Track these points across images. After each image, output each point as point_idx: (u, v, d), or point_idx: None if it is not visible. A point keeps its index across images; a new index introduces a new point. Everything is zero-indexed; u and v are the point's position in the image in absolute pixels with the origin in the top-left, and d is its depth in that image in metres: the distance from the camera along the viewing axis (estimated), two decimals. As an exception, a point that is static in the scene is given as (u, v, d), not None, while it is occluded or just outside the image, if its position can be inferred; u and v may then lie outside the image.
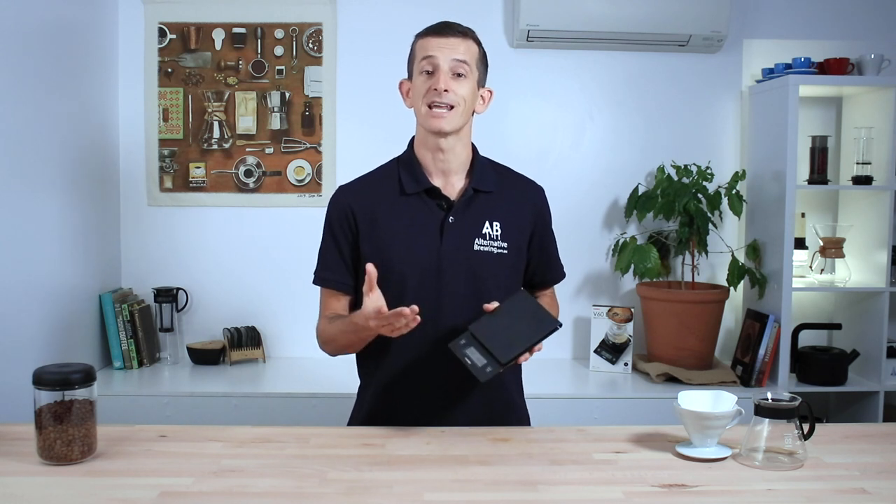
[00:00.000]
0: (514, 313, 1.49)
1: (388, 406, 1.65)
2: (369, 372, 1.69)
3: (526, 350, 1.47)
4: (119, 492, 1.23)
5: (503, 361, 1.45)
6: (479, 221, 1.62)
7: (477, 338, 1.47)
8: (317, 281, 1.68)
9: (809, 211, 2.99)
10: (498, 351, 1.45)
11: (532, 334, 1.47)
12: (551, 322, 1.49)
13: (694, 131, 3.02)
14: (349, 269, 1.65)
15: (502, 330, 1.47)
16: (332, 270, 1.66)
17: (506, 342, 1.46)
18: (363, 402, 1.71)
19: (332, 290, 1.67)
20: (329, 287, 1.67)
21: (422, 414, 1.61)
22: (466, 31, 1.61)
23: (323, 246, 1.68)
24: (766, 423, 1.38)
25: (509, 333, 1.47)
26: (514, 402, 1.74)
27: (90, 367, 1.38)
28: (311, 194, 2.95)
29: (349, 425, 1.72)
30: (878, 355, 2.73)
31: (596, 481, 1.31)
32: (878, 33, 3.00)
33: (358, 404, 1.74)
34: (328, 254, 1.66)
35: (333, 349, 1.67)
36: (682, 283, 2.86)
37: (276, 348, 2.98)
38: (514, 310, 1.50)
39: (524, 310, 1.50)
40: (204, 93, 2.93)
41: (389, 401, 1.65)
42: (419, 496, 1.23)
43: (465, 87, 1.58)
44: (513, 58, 2.96)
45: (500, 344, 1.46)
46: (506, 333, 1.47)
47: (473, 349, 1.46)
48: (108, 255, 2.85)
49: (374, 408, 1.67)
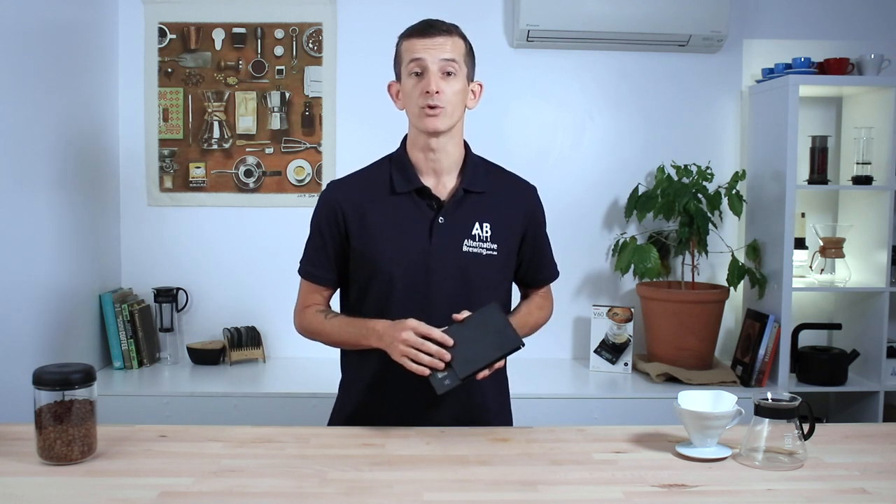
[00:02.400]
0: (480, 327, 1.48)
1: (372, 404, 1.65)
2: (353, 368, 1.70)
3: (485, 367, 1.46)
4: (119, 492, 1.23)
5: (461, 377, 1.44)
6: (468, 222, 1.62)
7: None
8: (301, 272, 1.71)
9: (809, 211, 2.99)
10: (458, 366, 1.45)
11: (493, 352, 1.46)
12: (515, 340, 1.47)
13: (694, 131, 3.02)
14: (333, 264, 1.66)
15: (466, 343, 1.46)
16: (315, 265, 1.67)
17: (467, 357, 1.45)
18: (346, 399, 1.71)
19: (314, 284, 1.69)
20: (312, 281, 1.69)
21: (405, 412, 1.61)
22: (451, 27, 1.60)
23: (310, 239, 1.69)
24: (766, 423, 1.38)
25: (473, 348, 1.46)
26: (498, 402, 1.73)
27: (90, 367, 1.38)
28: (311, 194, 2.95)
29: (330, 423, 1.73)
30: (878, 355, 2.73)
31: (596, 481, 1.31)
32: (878, 33, 3.00)
33: (340, 401, 1.74)
34: (314, 248, 1.68)
35: (319, 340, 1.68)
36: (682, 283, 2.86)
37: (276, 348, 2.98)
38: (482, 323, 1.49)
39: (491, 325, 1.48)
40: (204, 93, 2.93)
41: (374, 399, 1.65)
42: (419, 496, 1.23)
43: (455, 86, 1.58)
44: (513, 58, 2.96)
45: (462, 358, 1.45)
46: (469, 347, 1.46)
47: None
48: (108, 255, 2.85)
49: (358, 405, 1.67)
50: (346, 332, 1.61)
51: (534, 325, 1.75)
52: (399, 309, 1.56)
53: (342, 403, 1.73)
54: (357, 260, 1.63)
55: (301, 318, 1.70)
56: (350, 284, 1.68)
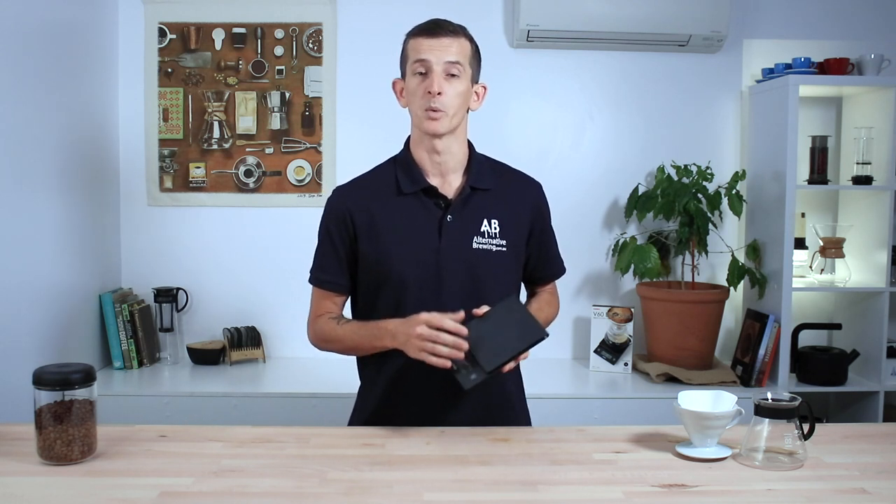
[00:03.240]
0: (502, 320, 1.47)
1: (392, 406, 1.65)
2: (372, 373, 1.69)
3: (511, 359, 1.45)
4: (119, 492, 1.23)
5: (488, 370, 1.44)
6: (477, 219, 1.62)
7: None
8: (312, 280, 1.69)
9: (809, 211, 2.99)
10: (484, 359, 1.44)
11: (518, 343, 1.45)
12: (538, 331, 1.46)
13: (694, 131, 3.02)
14: (344, 270, 1.66)
15: (490, 336, 1.46)
16: (327, 271, 1.66)
17: (492, 350, 1.44)
18: (366, 402, 1.71)
19: (326, 291, 1.68)
20: (324, 288, 1.67)
21: (424, 414, 1.61)
22: (458, 28, 1.60)
23: (319, 246, 1.68)
24: (766, 423, 1.38)
25: (496, 341, 1.45)
26: (516, 402, 1.74)
27: (90, 367, 1.38)
28: (310, 194, 2.95)
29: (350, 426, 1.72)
30: (878, 355, 2.73)
31: (596, 481, 1.31)
32: (878, 33, 3.00)
33: (360, 405, 1.73)
34: (324, 255, 1.67)
35: (334, 348, 1.67)
36: (682, 283, 2.86)
37: (276, 348, 2.98)
38: (503, 316, 1.48)
39: (513, 316, 1.48)
40: (204, 93, 2.93)
41: (393, 401, 1.65)
42: (419, 496, 1.23)
43: (459, 88, 1.57)
44: (513, 58, 2.96)
45: (487, 352, 1.44)
46: (493, 340, 1.45)
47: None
48: (108, 255, 2.85)
49: (377, 408, 1.67)
50: (360, 335, 1.60)
51: (544, 321, 1.74)
52: (411, 310, 1.56)
53: (362, 407, 1.72)
54: (367, 263, 1.62)
55: (314, 328, 1.68)
56: (359, 290, 1.67)
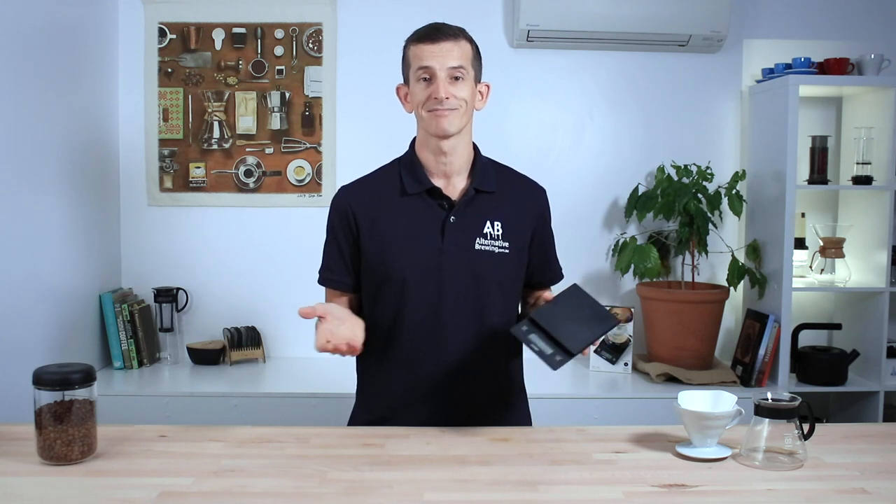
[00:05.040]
0: (572, 306, 1.51)
1: (392, 406, 1.65)
2: (371, 371, 1.70)
3: (591, 342, 1.50)
4: (119, 492, 1.24)
5: (573, 351, 1.46)
6: (480, 221, 1.63)
7: (540, 326, 1.48)
8: (321, 280, 1.70)
9: (809, 211, 2.98)
10: (567, 341, 1.46)
11: (598, 328, 1.50)
12: (612, 318, 1.52)
13: (694, 131, 3.02)
14: (349, 269, 1.66)
15: (565, 320, 1.48)
16: (333, 270, 1.68)
17: (570, 333, 1.47)
18: (366, 402, 1.71)
19: (333, 290, 1.69)
20: (332, 287, 1.69)
21: (425, 413, 1.61)
22: (457, 31, 1.60)
23: (326, 246, 1.70)
24: (766, 423, 1.38)
25: (574, 324, 1.48)
26: (516, 402, 1.75)
27: (90, 367, 1.38)
28: (310, 194, 2.95)
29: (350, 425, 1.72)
30: (878, 355, 2.73)
31: (596, 481, 1.31)
32: (878, 33, 3.00)
33: (359, 404, 1.74)
34: (330, 254, 1.68)
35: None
36: (682, 283, 2.86)
37: (276, 348, 2.98)
38: (572, 302, 1.51)
39: (582, 303, 1.52)
40: (204, 93, 2.93)
41: (393, 401, 1.65)
42: (419, 496, 1.23)
43: (464, 90, 1.58)
44: (513, 58, 2.96)
45: (567, 334, 1.47)
46: (570, 324, 1.48)
47: (536, 336, 1.47)
48: (108, 255, 2.85)
49: (377, 408, 1.67)
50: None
51: None
52: (412, 310, 1.58)
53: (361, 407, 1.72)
54: (369, 261, 1.63)
55: None
56: (362, 289, 1.68)
